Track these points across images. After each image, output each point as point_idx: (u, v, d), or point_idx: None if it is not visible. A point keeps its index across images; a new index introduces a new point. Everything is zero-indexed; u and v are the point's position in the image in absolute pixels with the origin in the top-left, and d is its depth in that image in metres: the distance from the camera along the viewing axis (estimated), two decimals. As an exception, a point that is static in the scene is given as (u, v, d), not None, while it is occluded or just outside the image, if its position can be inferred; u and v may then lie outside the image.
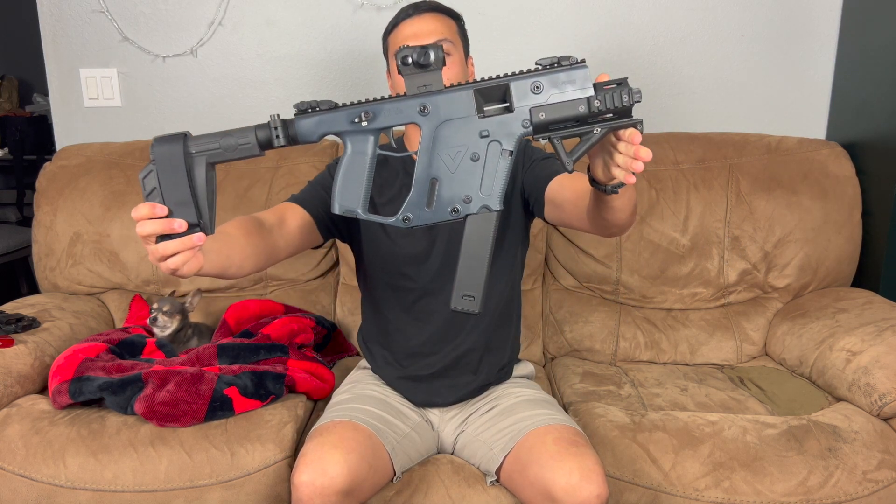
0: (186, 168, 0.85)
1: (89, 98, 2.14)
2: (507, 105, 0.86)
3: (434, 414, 1.43)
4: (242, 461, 1.38)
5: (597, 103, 0.83)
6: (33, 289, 3.18)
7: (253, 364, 1.56)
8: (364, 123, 0.87)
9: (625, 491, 1.36)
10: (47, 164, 2.02)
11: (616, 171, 0.90)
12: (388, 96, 0.88)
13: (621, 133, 0.87)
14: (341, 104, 0.88)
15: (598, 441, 1.40)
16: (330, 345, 1.84)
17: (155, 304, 1.71)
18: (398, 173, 1.41)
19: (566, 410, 1.55)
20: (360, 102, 0.88)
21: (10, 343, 1.58)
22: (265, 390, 1.48)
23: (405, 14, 1.35)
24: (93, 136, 2.14)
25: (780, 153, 1.93)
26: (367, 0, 2.06)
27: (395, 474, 1.30)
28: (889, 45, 1.84)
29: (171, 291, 1.87)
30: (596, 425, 1.45)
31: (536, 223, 1.50)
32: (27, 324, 1.66)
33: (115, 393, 1.45)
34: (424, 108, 0.86)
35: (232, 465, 1.37)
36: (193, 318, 1.85)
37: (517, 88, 0.85)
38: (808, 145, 1.95)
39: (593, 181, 0.98)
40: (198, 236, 0.87)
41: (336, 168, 0.91)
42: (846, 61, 2.04)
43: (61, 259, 1.94)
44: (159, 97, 2.15)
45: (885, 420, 1.44)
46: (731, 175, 1.91)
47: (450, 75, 1.31)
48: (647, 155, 0.85)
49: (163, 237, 0.87)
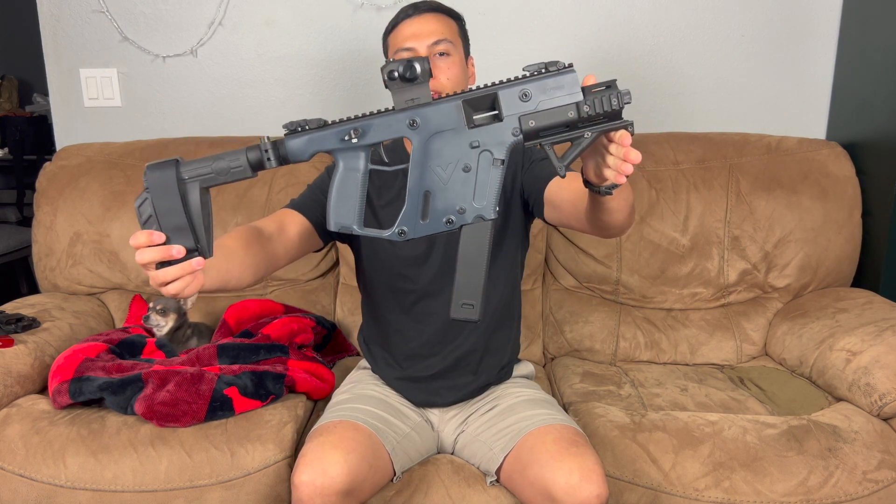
0: (181, 194, 0.86)
1: (89, 98, 2.14)
2: (497, 114, 0.85)
3: (434, 414, 1.43)
4: (242, 461, 1.38)
5: (586, 108, 0.83)
6: (33, 289, 3.18)
7: (253, 364, 1.56)
8: (354, 140, 0.87)
9: (625, 491, 1.36)
10: (47, 164, 2.02)
11: (607, 172, 0.90)
12: (377, 111, 0.88)
13: (612, 135, 0.87)
14: (331, 122, 0.88)
15: (598, 441, 1.40)
16: (330, 345, 1.84)
17: (150, 304, 1.72)
18: (397, 175, 1.40)
19: (566, 410, 1.55)
20: (349, 119, 0.88)
21: (10, 343, 1.58)
22: (265, 390, 1.48)
23: (405, 14, 1.34)
24: (93, 136, 2.14)
25: (780, 153, 1.93)
26: (367, 0, 2.06)
27: (395, 474, 1.30)
28: (889, 45, 1.84)
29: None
30: (596, 425, 1.45)
31: (536, 223, 1.50)
32: (27, 324, 1.66)
33: (115, 393, 1.45)
34: (413, 121, 0.86)
35: (232, 465, 1.37)
36: (193, 317, 1.85)
37: (505, 97, 0.84)
38: (808, 145, 1.95)
39: (587, 183, 0.98)
40: (196, 261, 0.88)
41: (329, 182, 0.91)
42: (846, 61, 2.04)
43: (61, 259, 1.94)
44: (159, 97, 2.15)
45: (885, 420, 1.44)
46: (731, 175, 1.91)
47: (450, 76, 1.31)
48: (636, 157, 0.85)
49: (163, 263, 0.88)
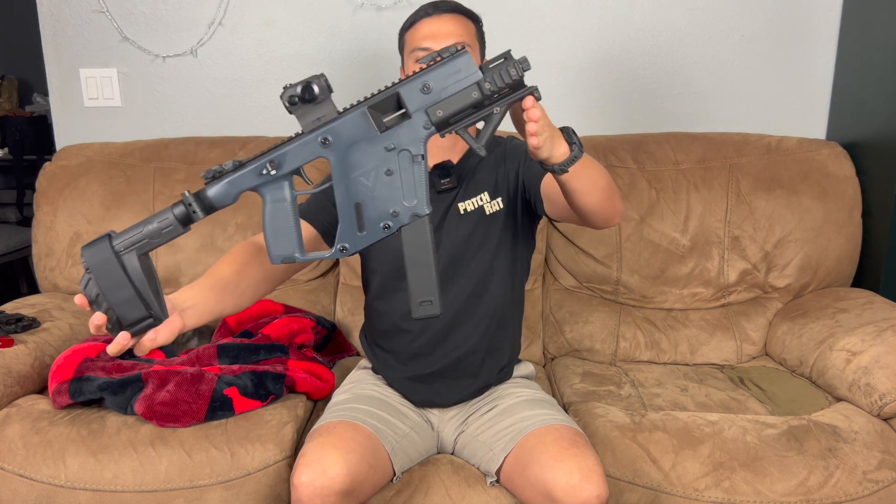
0: (122, 268, 0.86)
1: (89, 98, 2.14)
2: (404, 112, 0.86)
3: (434, 414, 1.43)
4: (242, 461, 1.38)
5: (487, 85, 0.84)
6: (33, 289, 3.17)
7: (253, 364, 1.56)
8: (273, 172, 0.87)
9: (625, 491, 1.36)
10: (47, 164, 2.02)
11: (530, 139, 0.91)
12: (288, 138, 0.88)
13: (524, 104, 0.88)
14: (246, 160, 0.88)
15: (598, 441, 1.40)
16: (330, 345, 1.84)
17: None
18: None
19: (566, 410, 1.54)
20: (262, 153, 0.87)
21: (10, 343, 1.58)
22: (265, 390, 1.48)
23: (424, 13, 1.34)
24: (93, 136, 2.14)
25: (780, 153, 1.93)
26: (367, 0, 2.06)
27: (394, 474, 1.30)
28: (889, 45, 1.84)
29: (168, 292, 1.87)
30: (596, 425, 1.45)
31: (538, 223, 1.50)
32: (27, 324, 1.66)
33: (115, 393, 1.45)
34: (325, 140, 0.85)
35: (232, 465, 1.37)
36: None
37: (407, 93, 0.84)
38: (808, 145, 1.95)
39: (542, 164, 0.99)
40: (150, 334, 0.90)
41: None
42: (846, 61, 2.04)
43: (61, 259, 1.94)
44: (159, 97, 2.15)
45: (886, 420, 1.44)
46: (732, 175, 1.91)
47: None
48: (534, 114, 0.87)
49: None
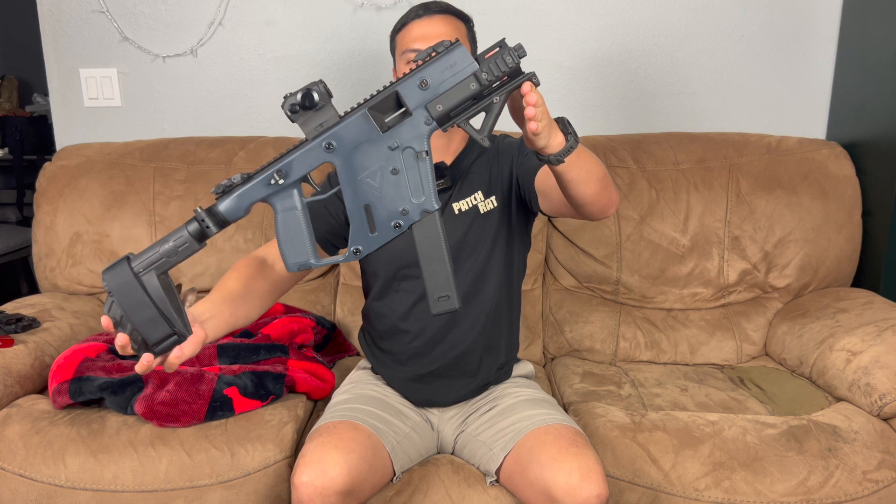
0: (142, 288, 0.87)
1: (89, 98, 2.14)
2: (405, 110, 0.86)
3: (434, 414, 1.43)
4: (242, 461, 1.38)
5: (485, 75, 0.84)
6: (33, 289, 3.18)
7: (253, 364, 1.56)
8: (281, 182, 0.87)
9: (625, 491, 1.36)
10: (47, 164, 2.02)
11: (528, 125, 0.90)
12: (293, 147, 0.88)
13: (522, 89, 0.88)
14: (254, 172, 0.89)
15: (598, 441, 1.40)
16: (330, 345, 1.84)
17: None
18: None
19: (566, 410, 1.55)
20: (269, 163, 0.88)
21: (10, 343, 1.58)
22: (265, 390, 1.48)
23: (415, 14, 1.34)
24: (93, 136, 2.14)
25: (780, 153, 1.93)
26: (367, 0, 2.06)
27: (394, 474, 1.30)
28: (889, 45, 1.84)
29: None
30: (596, 425, 1.45)
31: (537, 223, 1.50)
32: (27, 324, 1.66)
33: (115, 393, 1.45)
34: (329, 145, 0.86)
35: (232, 465, 1.38)
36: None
37: (406, 91, 0.85)
38: (808, 145, 1.95)
39: (537, 156, 0.99)
40: (175, 351, 0.93)
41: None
42: (846, 61, 2.04)
43: (61, 259, 1.94)
44: (159, 97, 2.15)
45: (885, 420, 1.44)
46: (731, 175, 1.91)
47: None
48: (532, 98, 0.87)
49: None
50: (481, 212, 1.37)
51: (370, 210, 0.88)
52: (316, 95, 0.85)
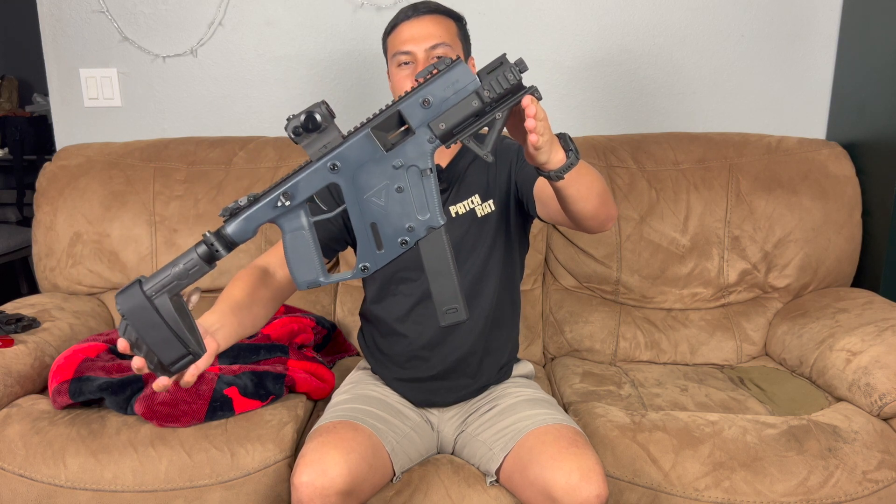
0: (155, 310, 0.88)
1: (89, 98, 2.14)
2: (408, 128, 0.86)
3: (434, 414, 1.43)
4: (242, 461, 1.38)
5: (486, 92, 0.84)
6: (33, 289, 3.18)
7: (253, 364, 1.56)
8: (287, 203, 0.88)
9: (625, 491, 1.36)
10: (47, 164, 2.02)
11: (529, 138, 0.90)
12: (298, 168, 0.89)
13: (523, 103, 0.88)
14: (261, 193, 0.90)
15: (598, 441, 1.40)
16: (330, 345, 1.84)
17: None
18: None
19: (566, 410, 1.55)
20: (275, 185, 0.89)
21: (10, 343, 1.58)
22: (265, 390, 1.48)
23: (404, 15, 1.33)
24: (93, 136, 2.14)
25: (780, 153, 1.93)
26: (367, 0, 2.06)
27: (394, 474, 1.30)
28: (889, 45, 1.84)
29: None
30: (596, 425, 1.45)
31: (536, 223, 1.50)
32: (27, 324, 1.66)
33: (115, 393, 1.45)
34: (334, 165, 0.87)
35: (232, 465, 1.38)
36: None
37: (408, 110, 0.85)
38: (808, 145, 1.95)
39: (538, 170, 0.99)
40: (191, 368, 0.95)
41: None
42: (846, 61, 2.04)
43: (61, 259, 1.94)
44: (159, 97, 2.15)
45: (885, 420, 1.44)
46: (731, 175, 1.91)
47: None
48: (531, 110, 0.87)
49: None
50: (478, 215, 1.37)
51: (376, 228, 0.89)
52: (318, 117, 0.85)
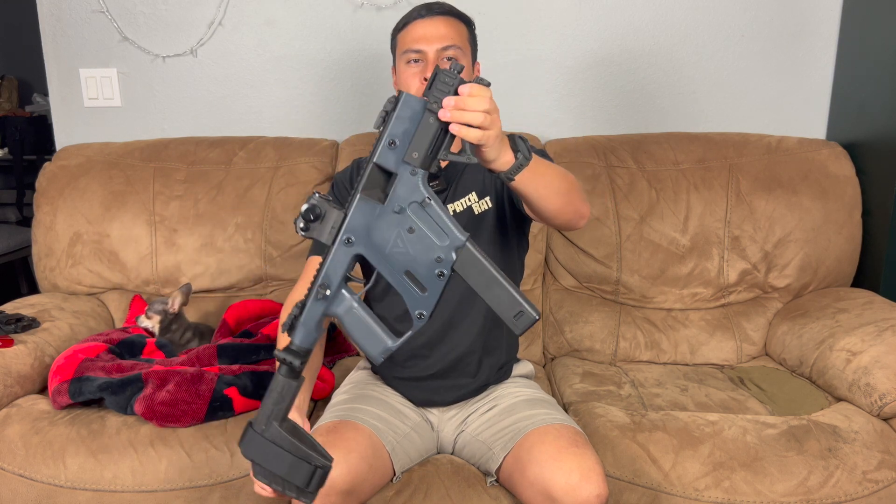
0: (271, 443, 0.92)
1: (89, 98, 2.14)
2: (390, 174, 0.88)
3: (434, 414, 1.43)
4: (242, 461, 1.38)
5: (435, 105, 0.86)
6: (33, 289, 3.17)
7: (253, 364, 1.56)
8: (328, 293, 0.91)
9: (625, 491, 1.36)
10: (47, 164, 2.02)
11: (470, 133, 0.89)
12: (322, 258, 0.91)
13: (460, 91, 0.88)
14: (304, 298, 0.92)
15: (598, 441, 1.40)
16: (330, 345, 1.84)
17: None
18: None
19: (566, 410, 1.54)
20: (311, 284, 0.92)
21: (10, 343, 1.58)
22: (265, 390, 1.46)
23: (417, 14, 1.33)
24: (93, 136, 2.14)
25: (780, 153, 1.93)
26: (367, 0, 2.06)
27: (394, 474, 1.30)
28: (889, 45, 1.84)
29: (168, 292, 1.87)
30: (596, 425, 1.45)
31: (536, 224, 1.50)
32: (27, 324, 1.66)
33: (115, 393, 1.45)
34: (348, 240, 0.89)
35: (232, 465, 1.38)
36: (193, 318, 1.85)
37: (382, 158, 0.87)
38: (808, 145, 1.95)
39: (490, 171, 0.99)
40: (328, 481, 0.96)
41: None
42: (846, 61, 2.04)
43: (61, 259, 1.94)
44: (159, 97, 2.14)
45: (885, 420, 1.44)
46: (731, 175, 1.91)
47: None
48: (448, 103, 0.85)
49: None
50: (476, 213, 1.37)
51: (411, 274, 0.90)
52: (318, 207, 0.89)
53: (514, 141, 0.99)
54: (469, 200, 1.38)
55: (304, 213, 0.88)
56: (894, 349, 1.48)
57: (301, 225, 0.89)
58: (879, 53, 1.88)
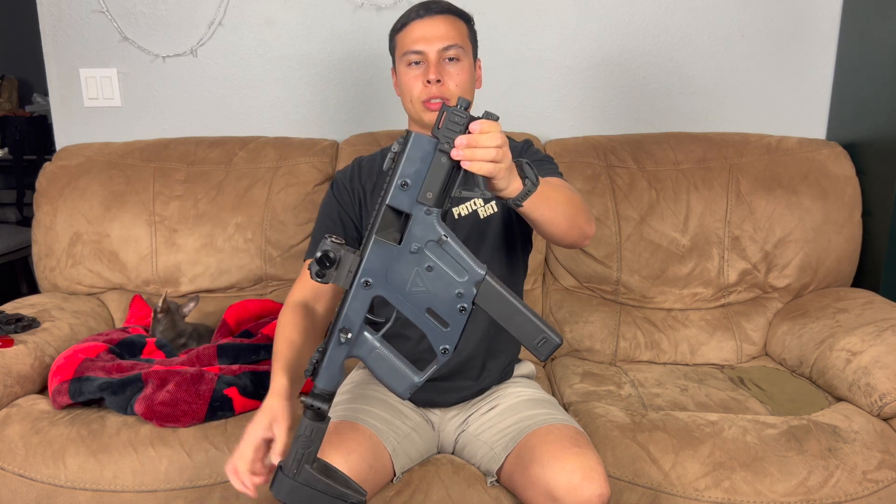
0: (306, 486, 0.94)
1: (89, 98, 2.14)
2: (405, 215, 0.88)
3: (435, 414, 1.43)
4: (242, 461, 1.37)
5: (447, 145, 0.86)
6: (33, 289, 3.17)
7: (253, 364, 1.56)
8: (349, 336, 0.91)
9: (625, 491, 1.36)
10: (47, 164, 2.02)
11: (483, 167, 0.89)
12: (341, 303, 0.92)
13: (471, 128, 0.88)
14: (324, 342, 0.93)
15: (599, 441, 1.40)
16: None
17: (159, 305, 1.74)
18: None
19: (566, 411, 1.54)
20: (331, 328, 0.92)
21: (10, 343, 1.58)
22: (265, 390, 1.46)
23: (416, 14, 1.32)
24: (93, 136, 2.13)
25: (780, 153, 1.93)
26: (367, 0, 2.06)
27: (395, 475, 1.30)
28: (889, 45, 1.84)
29: (168, 290, 1.87)
30: (596, 425, 1.45)
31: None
32: (27, 324, 1.66)
33: (115, 393, 1.45)
34: (366, 282, 0.89)
35: (232, 465, 1.37)
36: (192, 318, 1.85)
37: (395, 200, 0.87)
38: (808, 145, 1.95)
39: (498, 198, 0.99)
40: None
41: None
42: (846, 61, 2.04)
43: (61, 259, 1.94)
44: (159, 97, 2.14)
45: (885, 420, 1.44)
46: (731, 175, 1.91)
47: (458, 82, 1.30)
48: (474, 127, 0.86)
49: None
50: (481, 217, 1.37)
51: (432, 311, 0.91)
52: (332, 253, 0.89)
53: (521, 167, 0.99)
54: (475, 204, 1.37)
55: (318, 260, 0.88)
56: (894, 349, 1.48)
57: (316, 273, 0.89)
58: (879, 53, 1.88)
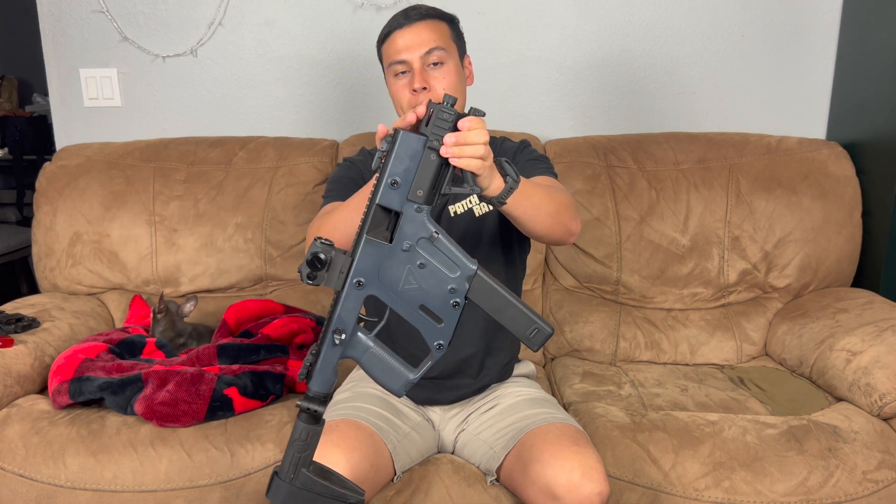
0: (305, 490, 0.92)
1: (89, 98, 2.14)
2: (395, 213, 0.88)
3: (435, 412, 1.43)
4: (242, 461, 1.38)
5: (436, 142, 0.86)
6: (33, 289, 3.18)
7: (253, 364, 1.56)
8: (343, 337, 0.91)
9: (625, 491, 1.36)
10: (47, 164, 2.02)
11: (470, 163, 0.90)
12: (333, 304, 0.91)
13: (459, 125, 0.89)
14: (318, 342, 0.92)
15: (599, 441, 1.40)
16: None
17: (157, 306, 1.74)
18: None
19: (566, 411, 1.54)
20: (324, 329, 0.91)
21: (10, 343, 1.58)
22: (265, 390, 1.48)
23: (396, 24, 1.32)
24: (93, 136, 2.14)
25: (780, 153, 1.93)
26: (366, 0, 2.06)
27: (395, 474, 1.30)
28: (889, 45, 1.84)
29: (168, 290, 1.87)
30: (596, 425, 1.45)
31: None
32: (27, 324, 1.66)
33: (115, 393, 1.45)
34: (359, 282, 0.89)
35: (232, 465, 1.37)
36: (192, 318, 1.85)
37: (385, 199, 0.87)
38: (808, 145, 1.95)
39: (481, 197, 1.00)
40: None
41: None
42: (846, 61, 2.04)
43: (61, 259, 1.94)
44: (159, 97, 2.14)
45: (885, 420, 1.44)
46: (731, 175, 1.91)
47: (445, 85, 1.30)
48: (449, 140, 0.86)
49: None
50: (476, 214, 1.37)
51: (426, 308, 0.90)
52: (322, 255, 0.88)
53: (500, 165, 1.00)
54: (470, 202, 1.38)
55: (308, 262, 0.88)
56: (894, 349, 1.48)
57: (307, 276, 0.88)
58: (879, 53, 1.88)
